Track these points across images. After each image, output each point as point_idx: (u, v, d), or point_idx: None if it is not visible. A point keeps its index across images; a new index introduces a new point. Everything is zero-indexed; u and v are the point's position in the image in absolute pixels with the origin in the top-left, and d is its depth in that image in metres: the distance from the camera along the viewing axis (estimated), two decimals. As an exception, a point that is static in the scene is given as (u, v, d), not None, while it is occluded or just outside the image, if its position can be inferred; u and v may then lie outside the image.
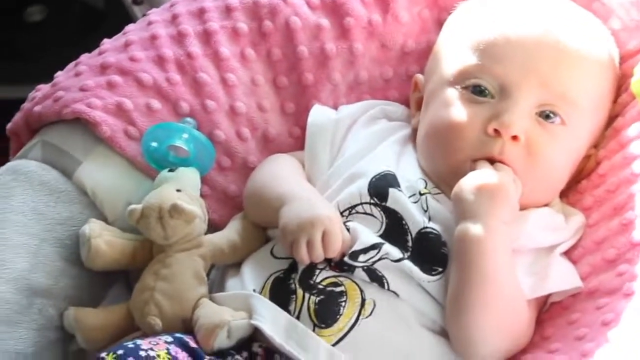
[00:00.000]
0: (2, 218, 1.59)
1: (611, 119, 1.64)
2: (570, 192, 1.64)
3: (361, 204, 1.55)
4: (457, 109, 1.56)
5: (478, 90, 1.56)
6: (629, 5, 1.63)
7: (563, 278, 1.51)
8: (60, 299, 1.59)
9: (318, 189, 1.62)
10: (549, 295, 1.53)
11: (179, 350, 1.43)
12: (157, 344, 1.42)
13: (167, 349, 1.42)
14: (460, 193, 1.47)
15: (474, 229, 1.44)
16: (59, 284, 1.59)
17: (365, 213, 1.55)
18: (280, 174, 1.64)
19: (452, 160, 1.55)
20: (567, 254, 1.55)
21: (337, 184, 1.60)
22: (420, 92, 1.69)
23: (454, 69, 1.60)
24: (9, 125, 1.76)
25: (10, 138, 1.78)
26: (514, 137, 1.51)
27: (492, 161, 1.52)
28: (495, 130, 1.51)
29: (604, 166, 1.59)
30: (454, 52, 1.63)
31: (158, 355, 1.39)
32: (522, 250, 1.51)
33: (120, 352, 1.38)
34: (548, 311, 1.54)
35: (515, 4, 1.66)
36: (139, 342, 1.42)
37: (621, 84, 1.64)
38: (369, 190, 1.56)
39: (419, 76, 1.71)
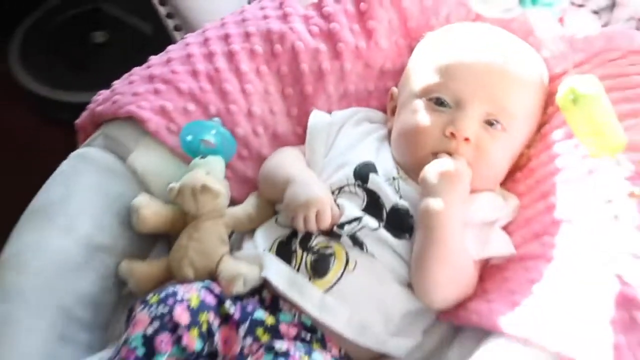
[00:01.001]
0: (72, 193, 1.63)
1: (541, 125, 1.67)
2: (508, 181, 1.67)
3: (347, 185, 1.60)
4: (422, 115, 1.60)
5: (439, 102, 1.60)
6: (556, 39, 1.65)
7: (500, 245, 1.56)
8: (116, 254, 1.63)
9: (315, 174, 1.64)
10: (489, 259, 1.57)
11: (207, 294, 1.48)
12: (190, 289, 1.47)
13: (198, 293, 1.46)
14: (426, 175, 1.52)
15: (435, 203, 1.49)
16: (116, 243, 1.64)
17: (350, 192, 1.59)
18: (286, 162, 1.68)
19: (418, 154, 1.58)
20: (505, 228, 1.60)
21: (330, 170, 1.64)
22: (394, 101, 1.72)
23: (420, 85, 1.64)
24: (77, 121, 1.79)
25: (78, 131, 1.80)
26: (466, 139, 1.55)
27: (449, 155, 1.55)
28: (452, 133, 1.55)
29: (534, 162, 1.64)
30: (421, 72, 1.66)
31: (190, 298, 1.44)
32: (470, 223, 1.56)
33: (162, 294, 1.44)
34: (488, 271, 1.57)
35: (469, 36, 1.69)
36: (177, 287, 1.46)
37: (549, 99, 1.66)
38: (354, 175, 1.60)
39: (394, 89, 1.74)
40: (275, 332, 1.49)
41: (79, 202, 1.63)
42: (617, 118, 1.38)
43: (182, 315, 1.42)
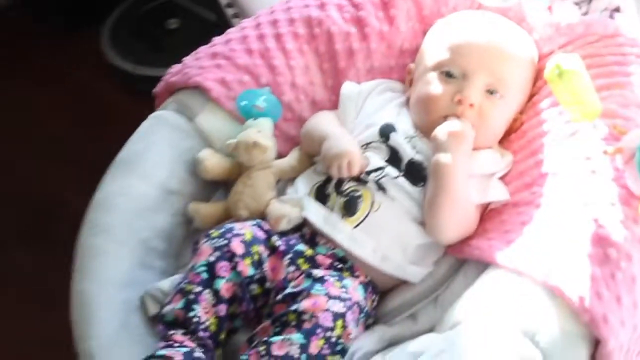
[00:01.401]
0: (149, 147, 1.63)
1: (531, 96, 1.65)
2: (505, 141, 1.64)
3: (373, 141, 1.58)
4: (435, 85, 1.58)
5: (449, 74, 1.58)
6: (544, 24, 1.64)
7: (498, 192, 1.54)
8: (185, 197, 1.62)
9: (347, 132, 1.63)
10: (489, 204, 1.56)
11: (258, 230, 1.48)
12: (245, 226, 1.48)
13: (251, 229, 1.47)
14: (437, 134, 1.51)
15: (444, 157, 1.48)
16: (185, 187, 1.63)
17: (375, 147, 1.57)
18: (324, 122, 1.66)
19: (431, 116, 1.57)
20: (501, 179, 1.57)
21: (359, 129, 1.63)
22: (411, 75, 1.69)
23: (433, 61, 1.62)
24: (154, 90, 1.78)
25: (155, 98, 1.79)
26: (471, 105, 1.54)
27: (457, 118, 1.54)
28: (459, 100, 1.54)
29: (526, 126, 1.61)
30: (433, 50, 1.64)
31: (245, 233, 1.45)
32: (474, 174, 1.54)
33: (222, 229, 1.46)
34: (488, 214, 1.56)
35: (473, 21, 1.67)
36: (233, 224, 1.48)
37: (538, 74, 1.64)
38: (379, 133, 1.58)
39: (411, 65, 1.71)
40: (313, 262, 1.48)
41: (155, 154, 1.62)
42: (594, 90, 1.37)
43: (237, 247, 1.43)
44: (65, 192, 2.55)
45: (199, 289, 1.40)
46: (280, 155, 1.66)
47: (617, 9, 1.63)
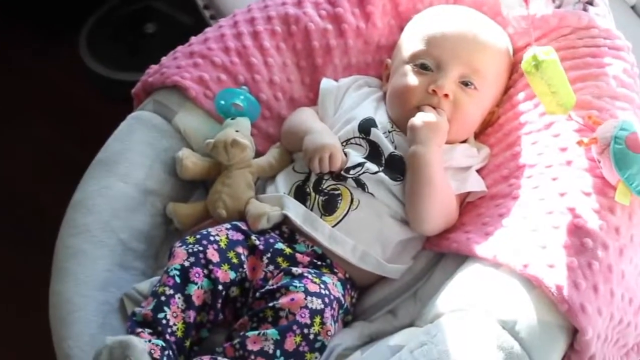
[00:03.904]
0: (128, 147, 1.62)
1: (507, 89, 1.67)
2: (481, 135, 1.66)
3: (353, 137, 1.59)
4: (411, 77, 1.60)
5: (423, 66, 1.59)
6: (519, 18, 1.65)
7: (475, 184, 1.56)
8: (164, 197, 1.63)
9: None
10: (466, 196, 1.57)
11: (234, 233, 1.48)
12: (220, 231, 1.48)
13: (227, 234, 1.47)
14: (413, 124, 1.52)
15: (421, 148, 1.50)
16: (163, 187, 1.63)
17: (355, 143, 1.59)
18: (305, 117, 1.67)
19: (406, 107, 1.58)
20: (478, 172, 1.59)
21: (338, 125, 1.64)
22: (388, 70, 1.71)
23: (408, 53, 1.63)
24: (133, 90, 1.78)
25: (133, 99, 1.79)
26: (445, 95, 1.55)
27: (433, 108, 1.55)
28: (434, 90, 1.55)
29: (502, 119, 1.63)
30: (409, 44, 1.66)
31: (221, 240, 1.45)
32: (450, 167, 1.56)
33: (198, 236, 1.45)
34: (465, 208, 1.57)
35: (448, 15, 1.69)
36: (209, 230, 1.47)
37: (514, 68, 1.67)
38: (358, 128, 1.59)
39: (388, 60, 1.73)
40: (292, 260, 1.48)
41: (134, 154, 1.62)
42: (568, 82, 1.38)
43: (213, 255, 1.43)
44: (44, 194, 2.56)
45: (170, 291, 1.39)
46: (258, 154, 1.67)
47: (590, 2, 1.64)
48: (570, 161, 1.43)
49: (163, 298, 1.38)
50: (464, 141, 1.64)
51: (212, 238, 1.45)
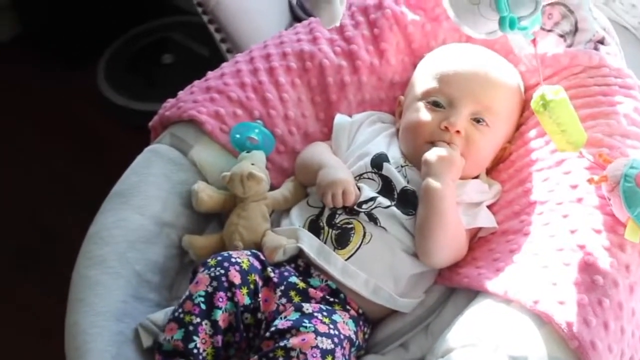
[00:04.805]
0: (144, 180, 1.63)
1: (519, 125, 1.68)
2: (494, 171, 1.67)
3: (366, 172, 1.60)
4: (423, 113, 1.61)
5: (436, 104, 1.61)
6: (530, 57, 1.66)
7: (486, 220, 1.56)
8: (179, 229, 1.63)
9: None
10: (477, 232, 1.58)
11: (254, 260, 1.49)
12: (241, 255, 1.49)
13: (248, 258, 1.48)
14: (427, 158, 1.53)
15: (434, 182, 1.50)
16: (179, 220, 1.64)
17: (368, 178, 1.60)
18: (319, 151, 1.68)
19: (419, 142, 1.59)
20: (490, 208, 1.59)
21: (352, 160, 1.64)
22: (401, 107, 1.72)
23: (421, 90, 1.65)
24: (150, 123, 1.79)
25: (150, 131, 1.80)
26: (457, 132, 1.57)
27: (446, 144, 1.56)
28: (446, 127, 1.57)
29: (514, 155, 1.64)
30: (422, 81, 1.67)
31: (243, 261, 1.46)
32: (462, 202, 1.56)
33: (219, 258, 1.46)
34: (477, 243, 1.57)
35: (460, 53, 1.70)
36: (230, 253, 1.49)
37: (525, 105, 1.67)
38: (370, 164, 1.60)
39: (401, 97, 1.74)
40: (304, 295, 1.48)
41: (150, 187, 1.63)
42: (579, 120, 1.39)
43: (235, 277, 1.43)
44: (62, 225, 2.58)
45: (197, 320, 1.39)
46: (273, 188, 1.67)
47: (601, 41, 1.65)
48: (580, 198, 1.43)
49: (191, 327, 1.39)
50: (476, 177, 1.65)
51: (233, 260, 1.46)
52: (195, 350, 1.38)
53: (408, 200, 1.56)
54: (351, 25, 1.82)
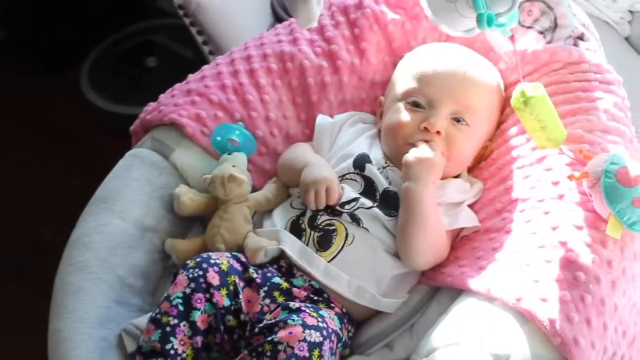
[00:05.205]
0: (126, 184, 1.63)
1: (500, 123, 1.68)
2: (475, 169, 1.67)
3: (348, 173, 1.60)
4: (403, 114, 1.61)
5: (415, 104, 1.61)
6: (510, 54, 1.66)
7: (467, 220, 1.56)
8: (161, 233, 1.63)
9: None
10: (460, 231, 1.58)
11: (234, 261, 1.49)
12: (221, 256, 1.48)
13: (228, 260, 1.48)
14: (406, 160, 1.53)
15: (414, 184, 1.50)
16: (161, 224, 1.63)
17: (350, 179, 1.60)
18: (301, 151, 1.68)
19: (398, 143, 1.59)
20: (472, 206, 1.59)
21: (334, 161, 1.64)
22: (382, 107, 1.72)
23: (401, 91, 1.65)
24: (131, 127, 1.79)
25: (132, 136, 1.80)
26: (438, 132, 1.56)
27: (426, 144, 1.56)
28: (425, 127, 1.57)
29: (495, 153, 1.64)
30: (401, 81, 1.67)
31: (222, 263, 1.46)
32: (443, 203, 1.56)
33: (198, 259, 1.46)
34: (459, 242, 1.58)
35: (439, 53, 1.70)
36: (210, 254, 1.49)
37: (505, 103, 1.68)
38: (353, 165, 1.60)
39: (382, 98, 1.74)
40: (289, 295, 1.48)
41: (131, 191, 1.63)
42: (559, 116, 1.39)
43: (213, 278, 1.44)
44: (45, 230, 2.57)
45: (175, 321, 1.40)
46: (254, 190, 1.67)
47: (580, 37, 1.66)
48: (562, 195, 1.43)
49: (168, 328, 1.39)
50: (457, 176, 1.65)
51: (212, 261, 1.46)
52: (172, 352, 1.38)
53: (390, 202, 1.56)
54: (331, 25, 1.81)
